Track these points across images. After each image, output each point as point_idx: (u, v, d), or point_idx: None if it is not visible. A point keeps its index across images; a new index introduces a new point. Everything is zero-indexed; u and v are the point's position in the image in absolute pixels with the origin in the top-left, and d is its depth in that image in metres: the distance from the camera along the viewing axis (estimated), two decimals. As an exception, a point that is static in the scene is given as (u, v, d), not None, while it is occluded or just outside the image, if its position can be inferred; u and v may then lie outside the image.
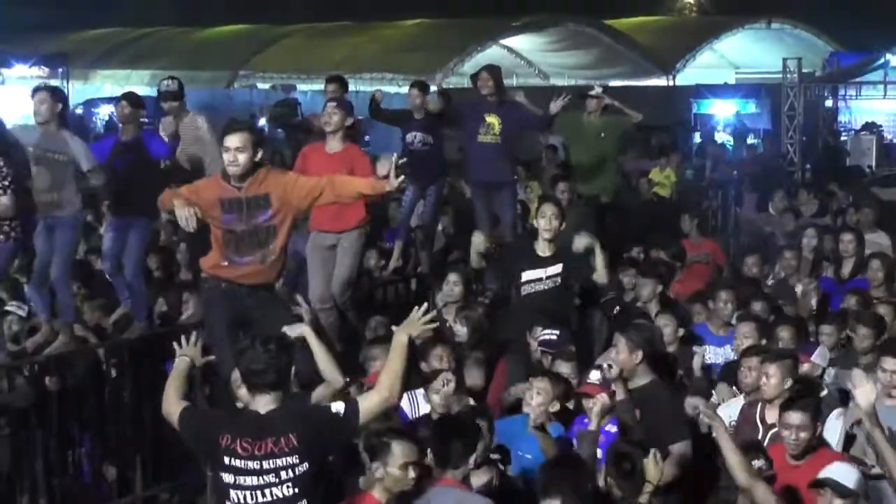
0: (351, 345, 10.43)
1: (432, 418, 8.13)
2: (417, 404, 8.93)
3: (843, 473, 6.97)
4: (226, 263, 8.79)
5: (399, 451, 6.82)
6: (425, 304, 7.09)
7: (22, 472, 9.99)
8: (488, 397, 9.48)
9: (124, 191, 11.26)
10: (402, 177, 8.71)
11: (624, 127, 14.97)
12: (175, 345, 7.44)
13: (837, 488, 6.86)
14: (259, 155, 8.59)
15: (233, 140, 8.46)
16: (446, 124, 14.03)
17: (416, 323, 6.92)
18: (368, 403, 6.57)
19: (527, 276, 10.39)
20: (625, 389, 8.25)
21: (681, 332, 10.42)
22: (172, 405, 6.87)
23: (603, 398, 7.98)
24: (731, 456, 7.35)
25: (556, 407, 8.49)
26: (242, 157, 8.45)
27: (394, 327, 7.06)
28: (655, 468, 7.17)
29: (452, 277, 11.46)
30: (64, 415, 10.26)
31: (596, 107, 14.52)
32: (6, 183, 9.90)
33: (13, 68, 41.88)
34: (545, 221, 10.37)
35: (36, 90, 10.84)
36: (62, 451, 10.32)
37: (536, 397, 8.43)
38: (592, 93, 14.67)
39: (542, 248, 10.41)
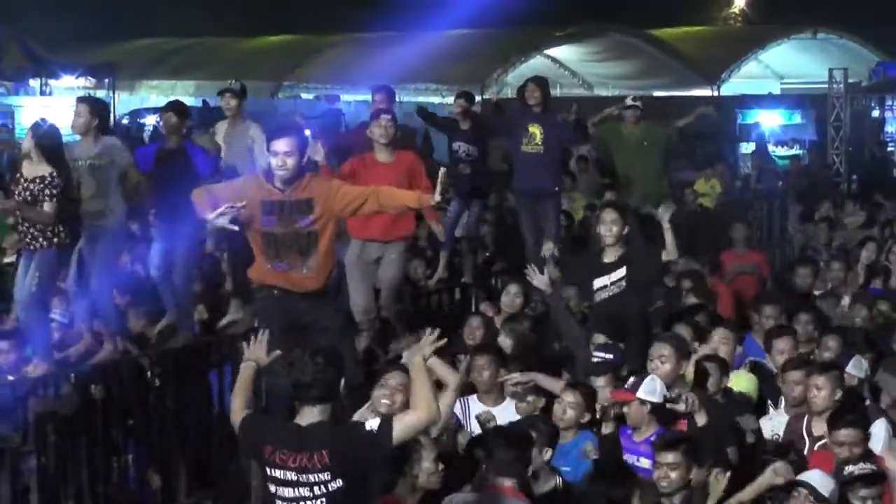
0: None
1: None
2: (468, 408, 8.98)
3: (819, 480, 7.18)
4: (269, 268, 8.77)
5: (430, 446, 6.89)
6: (437, 330, 7.05)
7: (67, 479, 10.03)
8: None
9: (170, 199, 11.29)
10: (448, 191, 8.71)
11: (667, 138, 14.91)
12: (244, 345, 7.41)
13: (814, 493, 7.04)
14: (305, 159, 8.60)
15: (282, 144, 8.46)
16: (492, 134, 14.05)
17: (427, 347, 6.90)
18: (404, 422, 6.55)
19: (597, 283, 10.37)
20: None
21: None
22: (236, 414, 6.88)
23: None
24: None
25: (586, 418, 8.47)
26: (291, 161, 8.46)
27: (404, 353, 7.11)
28: (717, 485, 7.22)
29: (514, 289, 11.51)
30: (109, 422, 10.30)
31: (634, 118, 14.48)
32: (54, 192, 9.97)
33: (60, 79, 42.19)
34: (605, 227, 10.28)
35: (77, 101, 10.93)
36: (107, 459, 10.36)
37: (568, 412, 8.44)
38: (628, 102, 14.63)
39: (607, 255, 10.36)
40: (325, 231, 8.75)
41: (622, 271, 10.28)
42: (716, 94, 44.27)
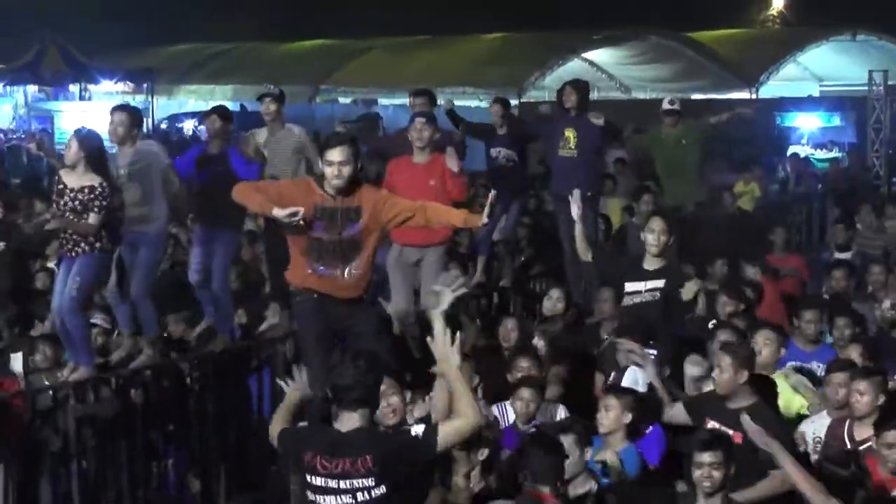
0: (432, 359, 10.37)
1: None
2: (506, 414, 8.98)
3: None
4: (310, 271, 8.77)
5: (463, 462, 6.88)
6: (451, 333, 6.98)
7: (107, 483, 10.07)
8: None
9: (210, 203, 11.32)
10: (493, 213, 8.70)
11: (704, 131, 14.81)
12: (291, 377, 7.45)
13: None
14: (359, 167, 8.61)
15: (337, 154, 8.45)
16: (530, 139, 14.03)
17: (453, 354, 6.81)
18: (449, 428, 6.53)
19: (628, 287, 10.32)
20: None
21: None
22: (275, 430, 6.91)
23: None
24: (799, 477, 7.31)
25: (628, 418, 8.44)
26: (347, 170, 8.46)
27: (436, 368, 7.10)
28: None
29: (556, 293, 11.52)
30: (149, 427, 10.33)
31: (672, 122, 14.40)
32: (103, 203, 9.98)
33: (99, 84, 42.37)
34: (653, 237, 10.17)
35: (114, 109, 10.92)
36: (147, 463, 10.39)
37: (607, 414, 8.42)
38: (666, 107, 14.53)
39: (649, 262, 10.30)
40: (368, 240, 8.75)
41: (660, 282, 10.24)
42: (754, 96, 44.14)
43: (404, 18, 58.67)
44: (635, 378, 8.90)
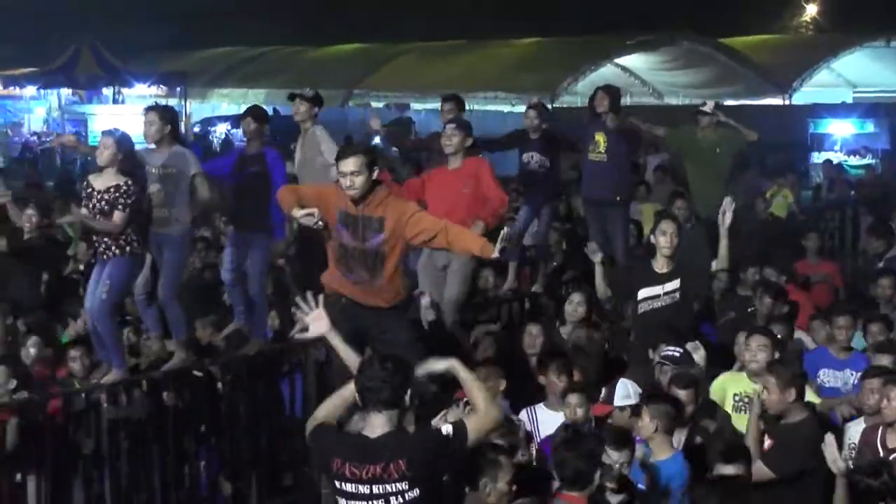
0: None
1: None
2: (536, 418, 8.97)
3: None
4: (341, 277, 8.80)
5: (507, 468, 6.88)
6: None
7: (139, 485, 10.10)
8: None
9: (246, 204, 11.33)
10: (505, 250, 8.67)
11: (740, 143, 14.75)
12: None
13: None
14: (376, 174, 8.58)
15: (348, 164, 8.44)
16: (564, 147, 13.99)
17: (455, 362, 6.91)
18: (475, 425, 6.54)
19: (644, 293, 10.31)
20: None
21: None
22: (314, 421, 6.80)
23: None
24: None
25: (655, 428, 8.39)
26: (359, 181, 8.44)
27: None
28: None
29: (577, 298, 11.51)
30: (180, 429, 10.36)
31: (708, 123, 14.34)
32: (128, 201, 10.03)
33: (133, 87, 42.54)
34: (665, 239, 10.26)
35: (147, 110, 10.96)
36: (179, 466, 10.41)
37: (645, 424, 8.37)
38: (704, 108, 14.51)
39: (660, 265, 10.32)
40: (393, 252, 8.72)
41: (676, 283, 10.24)
42: (787, 102, 44.03)
43: (438, 23, 58.73)
44: (626, 391, 8.88)
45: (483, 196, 11.06)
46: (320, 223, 8.56)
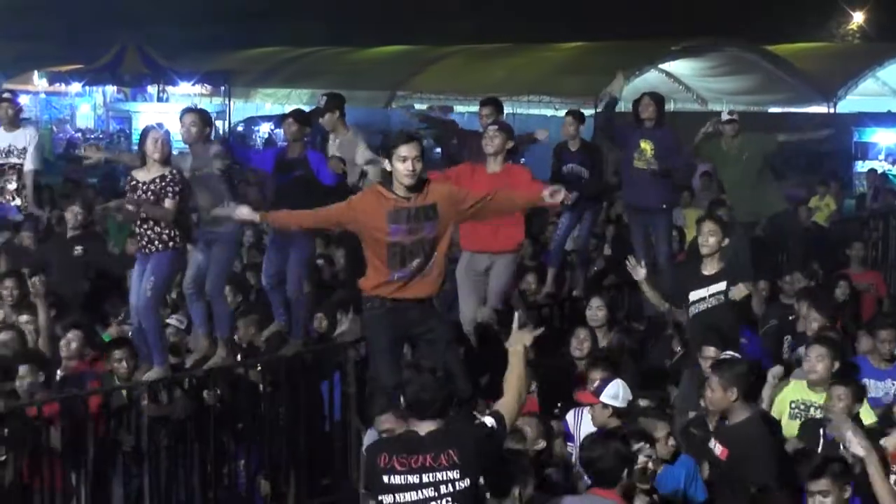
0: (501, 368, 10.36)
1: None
2: (581, 421, 8.99)
3: None
4: (393, 278, 8.72)
5: (533, 471, 6.95)
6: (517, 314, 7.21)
7: (178, 483, 10.15)
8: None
9: (287, 206, 11.31)
10: (561, 195, 8.71)
11: (767, 145, 14.66)
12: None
13: None
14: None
15: (410, 149, 8.47)
16: (604, 155, 13.94)
17: (528, 335, 7.12)
18: (508, 412, 6.73)
19: (692, 296, 10.42)
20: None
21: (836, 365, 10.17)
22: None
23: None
24: (882, 487, 7.22)
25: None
26: (419, 166, 8.48)
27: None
28: None
29: (595, 302, 11.55)
30: (220, 428, 10.40)
31: (732, 131, 14.26)
32: (176, 189, 10.10)
33: (177, 86, 42.74)
34: (702, 238, 10.49)
35: (185, 112, 11.03)
36: (218, 464, 10.45)
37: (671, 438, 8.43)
38: (725, 118, 14.37)
39: (706, 267, 10.42)
40: (444, 235, 8.78)
41: (722, 285, 10.30)
42: (832, 111, 43.77)
43: (482, 26, 58.76)
44: (616, 392, 8.92)
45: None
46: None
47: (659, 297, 11.06)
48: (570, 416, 9.22)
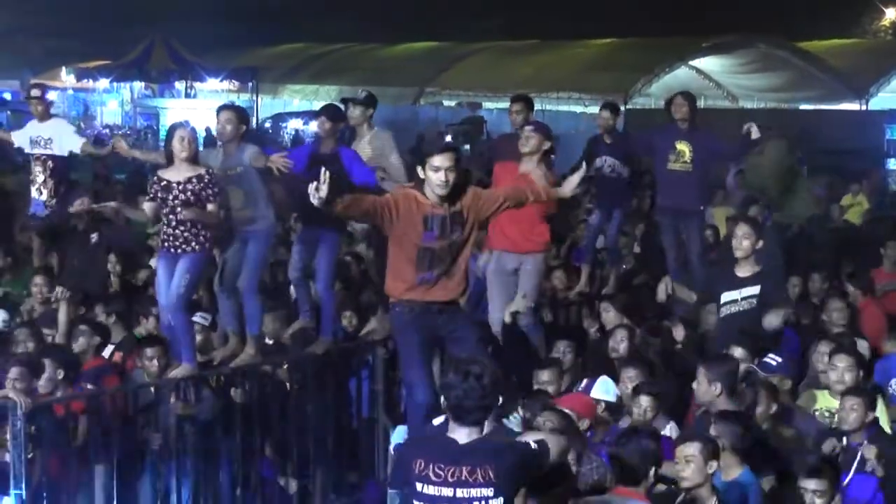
0: (529, 369, 10.34)
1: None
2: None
3: None
4: (418, 282, 8.69)
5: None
6: None
7: (207, 481, 10.15)
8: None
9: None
10: (576, 187, 8.72)
11: (790, 148, 14.54)
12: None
13: None
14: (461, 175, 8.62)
15: (445, 160, 8.42)
16: (635, 153, 13.88)
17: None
18: (553, 442, 6.65)
19: (724, 297, 10.38)
20: None
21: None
22: None
23: None
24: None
25: (712, 468, 8.29)
26: (452, 177, 8.44)
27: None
28: None
29: (604, 305, 11.47)
30: (248, 426, 10.39)
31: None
32: (216, 190, 10.09)
33: (205, 82, 42.83)
34: (736, 241, 10.41)
35: (221, 109, 10.96)
36: (245, 462, 10.45)
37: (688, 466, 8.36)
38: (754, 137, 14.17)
39: (741, 269, 10.36)
40: (469, 239, 8.78)
41: (756, 288, 10.24)
42: (864, 107, 43.63)
43: (510, 22, 58.72)
44: (607, 388, 8.91)
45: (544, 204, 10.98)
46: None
47: (687, 290, 11.06)
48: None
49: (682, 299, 11.53)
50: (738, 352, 9.67)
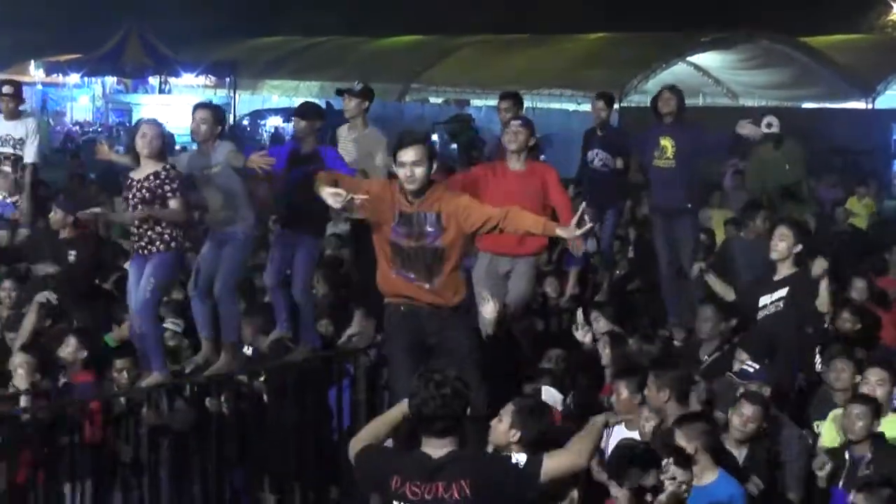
0: (524, 374, 10.37)
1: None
2: (610, 434, 8.97)
3: None
4: (395, 276, 8.73)
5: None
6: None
7: (181, 495, 10.14)
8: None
9: (297, 204, 11.27)
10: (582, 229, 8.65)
11: (804, 153, 14.59)
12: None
13: None
14: (433, 168, 8.60)
15: (409, 154, 8.41)
16: (624, 148, 13.90)
17: (612, 417, 7.57)
18: (555, 463, 6.53)
19: (760, 301, 10.61)
20: None
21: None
22: (360, 442, 6.73)
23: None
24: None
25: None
26: (419, 171, 8.42)
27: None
28: None
29: (593, 314, 11.55)
30: (223, 437, 10.37)
31: (773, 140, 14.14)
32: (174, 186, 10.09)
33: (181, 77, 42.76)
34: (773, 242, 10.59)
35: (197, 107, 10.98)
36: (221, 475, 10.44)
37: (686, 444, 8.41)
38: (765, 131, 14.19)
39: (778, 272, 10.53)
40: (452, 249, 8.69)
41: (783, 291, 10.35)
42: (870, 106, 43.66)
43: (500, 15, 58.69)
44: (552, 396, 8.99)
45: (545, 204, 10.98)
46: (356, 201, 8.49)
47: (725, 286, 11.21)
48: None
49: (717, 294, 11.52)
50: (743, 355, 9.75)
